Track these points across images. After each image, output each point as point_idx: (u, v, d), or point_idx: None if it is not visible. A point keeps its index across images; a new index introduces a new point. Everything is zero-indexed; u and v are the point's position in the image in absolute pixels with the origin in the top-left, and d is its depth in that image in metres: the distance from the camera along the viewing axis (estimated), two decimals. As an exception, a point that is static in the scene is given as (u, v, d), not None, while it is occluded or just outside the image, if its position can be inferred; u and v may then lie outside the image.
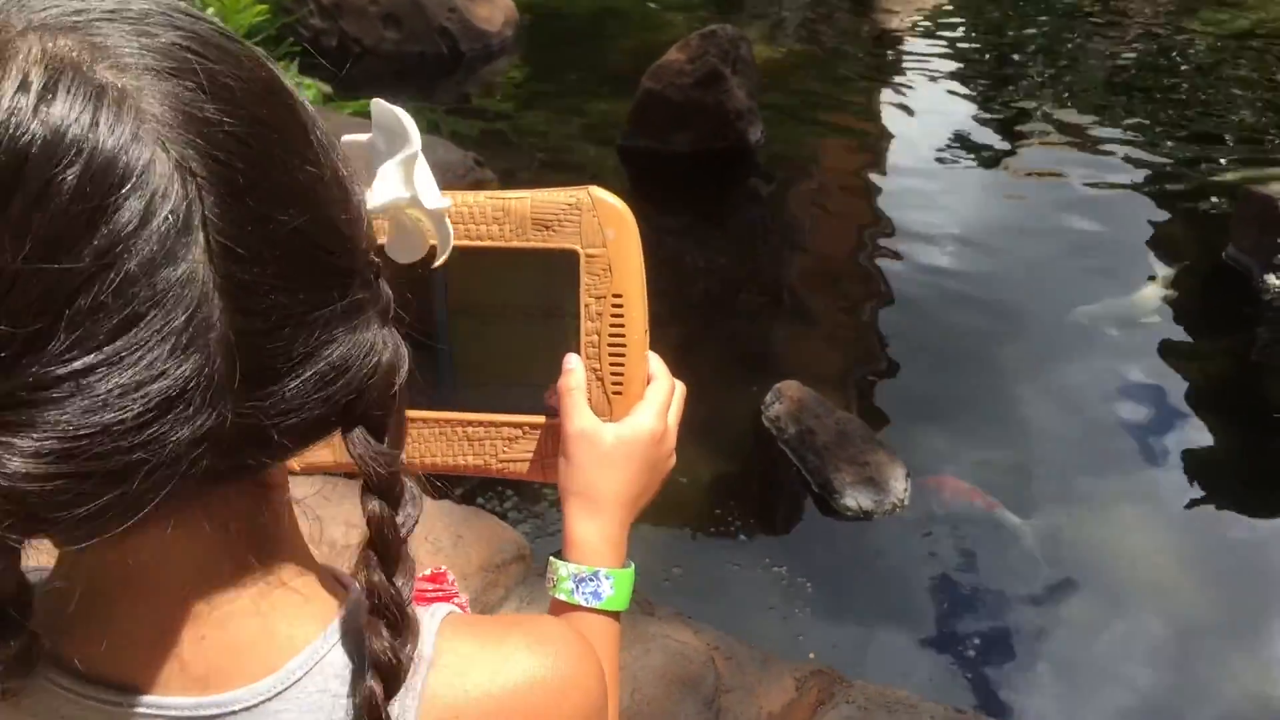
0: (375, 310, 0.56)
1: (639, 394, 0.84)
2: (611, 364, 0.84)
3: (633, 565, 0.84)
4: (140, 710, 0.56)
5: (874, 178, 5.28)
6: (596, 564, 0.81)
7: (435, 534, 1.78)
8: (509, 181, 4.05)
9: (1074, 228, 4.69)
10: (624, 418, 0.84)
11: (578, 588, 0.81)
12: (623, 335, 0.83)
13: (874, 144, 5.60)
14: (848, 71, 6.46)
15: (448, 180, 3.67)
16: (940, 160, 5.36)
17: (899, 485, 3.17)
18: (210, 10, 4.72)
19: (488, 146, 4.83)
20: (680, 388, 0.88)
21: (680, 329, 3.83)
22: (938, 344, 3.95)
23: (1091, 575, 2.96)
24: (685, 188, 4.88)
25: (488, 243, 0.81)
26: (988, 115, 5.89)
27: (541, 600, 2.07)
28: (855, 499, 3.13)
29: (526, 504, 3.10)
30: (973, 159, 5.41)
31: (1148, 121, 5.73)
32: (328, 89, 4.87)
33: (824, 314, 4.32)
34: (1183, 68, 6.45)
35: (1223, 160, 5.23)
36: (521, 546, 2.00)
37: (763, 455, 3.30)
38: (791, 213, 5.09)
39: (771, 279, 4.53)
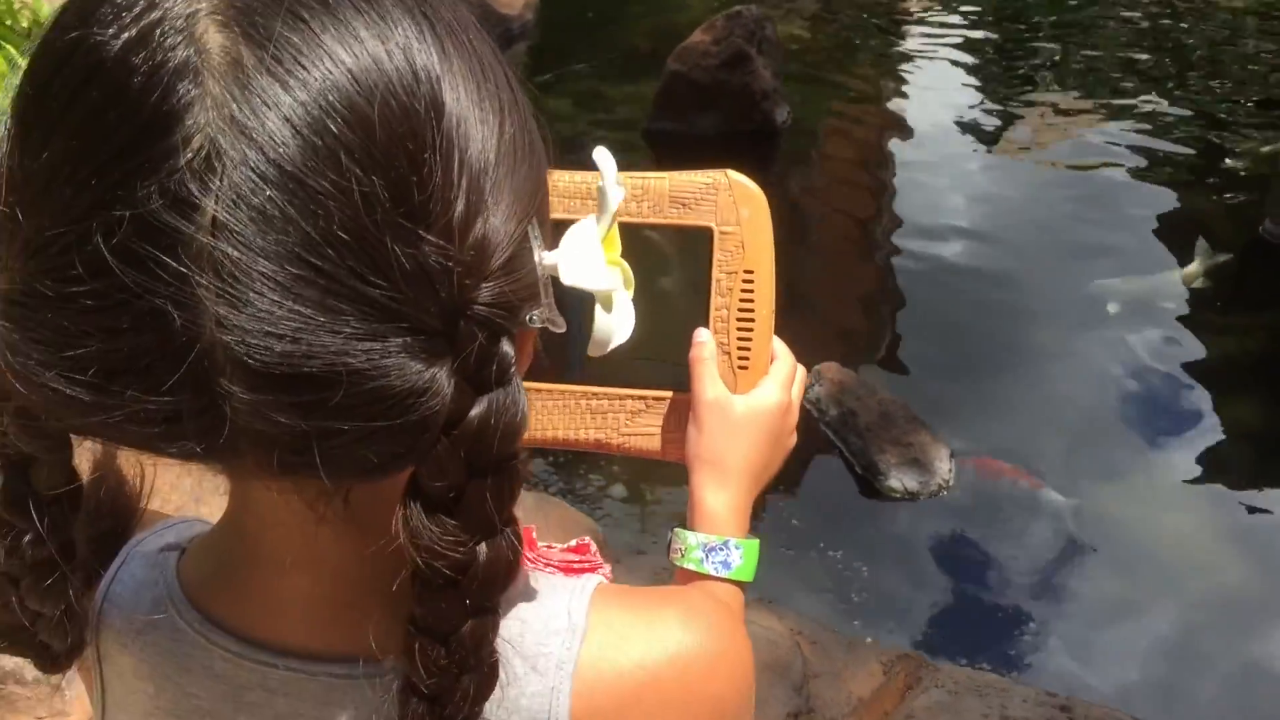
0: (445, 358, 0.48)
1: (764, 369, 0.85)
2: (739, 338, 0.85)
3: (757, 538, 0.84)
4: (297, 672, 0.57)
5: (897, 157, 5.25)
6: (725, 533, 0.82)
7: (511, 522, 1.76)
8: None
9: (1104, 205, 4.66)
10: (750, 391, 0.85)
11: (707, 557, 0.81)
12: (752, 311, 0.85)
13: (897, 123, 5.57)
14: (866, 51, 6.42)
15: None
16: (963, 139, 5.33)
17: (943, 466, 3.16)
18: None
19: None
20: (801, 370, 0.89)
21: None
22: (970, 324, 3.94)
23: (1138, 554, 2.95)
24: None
25: (625, 219, 0.82)
26: (1010, 93, 5.85)
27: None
28: (900, 480, 3.12)
29: (590, 489, 3.09)
30: (995, 138, 5.37)
31: (1170, 98, 5.68)
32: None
33: (854, 295, 4.31)
34: (1202, 42, 6.40)
35: (1253, 134, 5.19)
36: (595, 531, 1.99)
37: (804, 438, 3.27)
38: (819, 194, 5.06)
39: (802, 260, 4.51)
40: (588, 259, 0.59)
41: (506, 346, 0.50)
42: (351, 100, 0.45)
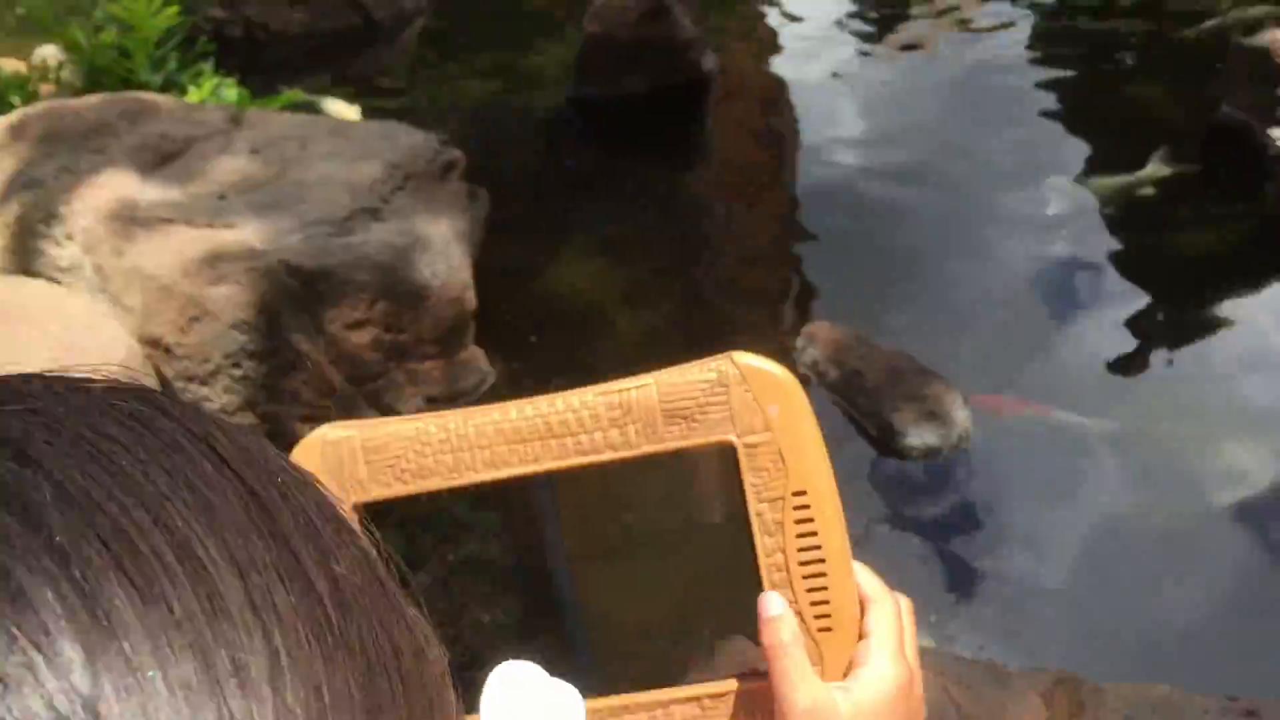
0: None
1: (853, 625, 0.62)
2: (810, 590, 0.62)
3: None
4: None
5: (831, 85, 5.07)
6: None
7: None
8: (479, 155, 3.76)
9: (1048, 105, 4.54)
10: (845, 667, 0.62)
11: None
12: (818, 549, 0.61)
13: (816, 49, 5.37)
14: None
15: (418, 166, 3.38)
16: (878, 48, 5.18)
17: (961, 414, 3.02)
18: (113, 27, 4.32)
19: (435, 120, 4.51)
20: (905, 604, 0.66)
21: (672, 289, 3.60)
22: (935, 258, 3.79)
23: (1177, 468, 2.85)
24: (647, 132, 4.62)
25: (609, 455, 0.60)
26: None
27: None
28: (920, 437, 2.97)
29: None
30: (913, 43, 5.23)
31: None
32: (248, 86, 4.50)
33: (821, 242, 4.13)
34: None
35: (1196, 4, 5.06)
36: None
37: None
38: (765, 139, 4.87)
39: (760, 213, 4.33)
40: None
41: None
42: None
